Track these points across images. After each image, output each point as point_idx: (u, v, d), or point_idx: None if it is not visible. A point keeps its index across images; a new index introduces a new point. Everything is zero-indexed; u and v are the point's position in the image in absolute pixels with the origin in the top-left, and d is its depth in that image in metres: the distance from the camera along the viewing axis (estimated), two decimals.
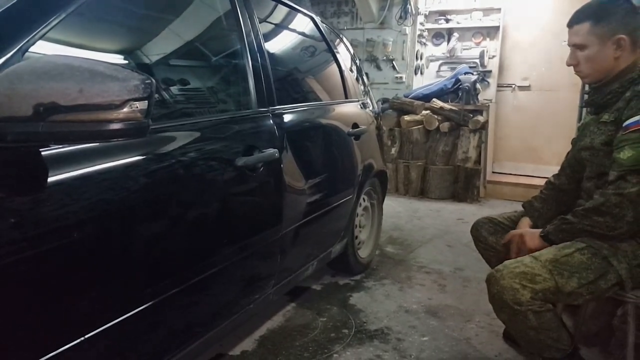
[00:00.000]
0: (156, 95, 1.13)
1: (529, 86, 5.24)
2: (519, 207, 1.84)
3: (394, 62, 5.39)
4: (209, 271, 1.32)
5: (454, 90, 4.87)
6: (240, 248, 1.46)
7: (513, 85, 5.31)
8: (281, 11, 2.07)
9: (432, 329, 2.04)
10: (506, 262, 1.43)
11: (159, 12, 1.39)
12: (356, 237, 2.51)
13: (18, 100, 0.73)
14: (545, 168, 4.56)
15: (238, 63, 1.59)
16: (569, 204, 1.63)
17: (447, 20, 5.48)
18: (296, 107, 1.88)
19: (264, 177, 1.52)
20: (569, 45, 1.52)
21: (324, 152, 2.02)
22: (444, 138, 4.63)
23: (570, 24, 1.51)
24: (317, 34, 2.32)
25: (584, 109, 3.86)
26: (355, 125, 2.29)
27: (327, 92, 2.27)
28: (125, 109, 0.78)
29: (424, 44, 5.62)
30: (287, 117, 1.75)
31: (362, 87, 2.71)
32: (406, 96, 5.03)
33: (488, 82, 5.34)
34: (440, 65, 5.63)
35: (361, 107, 2.54)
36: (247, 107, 1.57)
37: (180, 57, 1.43)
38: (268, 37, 1.80)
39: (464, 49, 5.47)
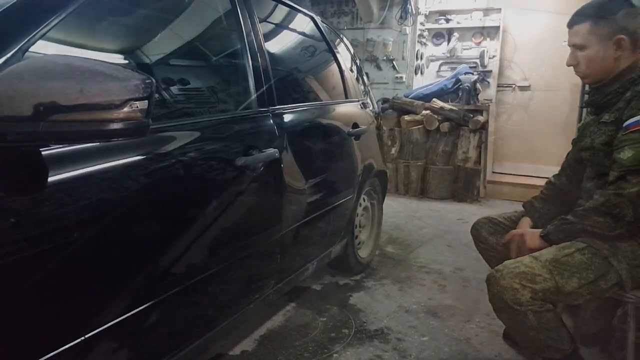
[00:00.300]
0: (156, 95, 1.13)
1: (529, 86, 5.24)
2: (519, 207, 1.84)
3: (394, 62, 5.39)
4: (209, 271, 1.32)
5: (454, 90, 4.87)
6: (240, 248, 1.46)
7: (513, 86, 5.31)
8: (281, 11, 2.07)
9: (432, 329, 2.04)
10: (506, 262, 1.43)
11: (160, 12, 1.39)
12: (356, 237, 2.51)
13: (18, 99, 0.73)
14: (545, 168, 4.55)
15: (238, 63, 1.59)
16: (570, 204, 1.63)
17: (447, 20, 5.48)
18: (296, 107, 1.88)
19: (264, 177, 1.52)
20: (569, 45, 1.52)
21: (324, 152, 2.02)
22: (444, 138, 4.63)
23: (570, 25, 1.51)
24: (318, 33, 2.32)
25: (584, 109, 3.86)
26: (355, 125, 2.29)
27: (327, 92, 2.27)
28: (126, 109, 0.78)
29: (424, 44, 5.62)
30: (287, 117, 1.75)
31: (362, 87, 2.71)
32: (406, 96, 5.04)
33: (488, 82, 5.34)
34: (441, 65, 5.63)
35: (361, 107, 2.54)
36: (247, 107, 1.57)
37: (180, 57, 1.43)
38: (268, 37, 1.80)
39: (464, 49, 5.48)
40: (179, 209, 1.21)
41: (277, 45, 1.99)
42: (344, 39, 2.71)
